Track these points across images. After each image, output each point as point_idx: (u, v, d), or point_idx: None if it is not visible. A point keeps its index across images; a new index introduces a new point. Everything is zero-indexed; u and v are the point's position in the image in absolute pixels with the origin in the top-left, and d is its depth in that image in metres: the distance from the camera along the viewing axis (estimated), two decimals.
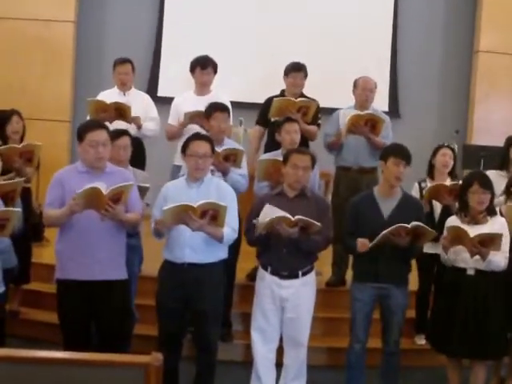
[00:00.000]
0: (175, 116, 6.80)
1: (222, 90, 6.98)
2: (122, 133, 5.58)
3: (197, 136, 5.19)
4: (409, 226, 5.06)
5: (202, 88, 6.82)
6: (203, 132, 5.94)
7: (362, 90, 6.86)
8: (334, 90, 7.87)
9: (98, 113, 6.57)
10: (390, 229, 5.05)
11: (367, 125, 6.53)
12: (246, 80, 9.98)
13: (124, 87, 7.07)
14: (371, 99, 6.89)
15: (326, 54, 10.00)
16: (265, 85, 8.31)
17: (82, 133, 4.82)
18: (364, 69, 7.99)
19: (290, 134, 6.08)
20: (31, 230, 6.64)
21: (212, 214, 4.80)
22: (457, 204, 5.75)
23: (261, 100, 7.20)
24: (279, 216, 4.95)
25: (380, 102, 8.06)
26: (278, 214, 4.96)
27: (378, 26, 10.42)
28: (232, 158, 5.81)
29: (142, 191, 5.44)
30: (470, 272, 5.22)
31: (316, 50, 9.86)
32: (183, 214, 4.75)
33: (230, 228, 5.02)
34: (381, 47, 10.44)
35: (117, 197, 4.62)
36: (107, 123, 6.09)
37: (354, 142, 6.77)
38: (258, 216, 5.10)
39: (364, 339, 5.41)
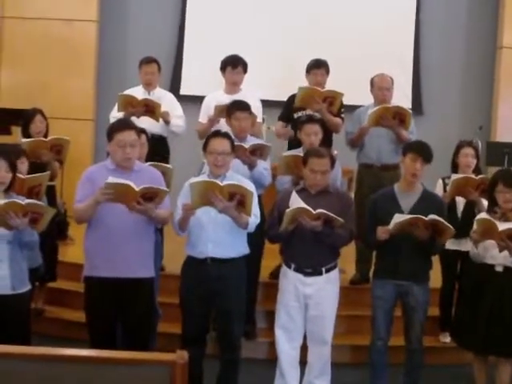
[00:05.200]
0: (206, 114, 6.77)
1: (253, 89, 6.98)
2: (139, 131, 5.59)
3: (216, 133, 5.23)
4: (426, 218, 5.03)
5: (232, 87, 6.80)
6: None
7: (379, 89, 6.85)
8: (356, 87, 7.84)
9: (127, 107, 6.59)
10: (408, 217, 5.03)
11: (395, 118, 6.49)
12: (269, 78, 9.95)
13: (149, 87, 7.08)
14: (389, 97, 6.86)
15: (347, 51, 9.96)
16: (287, 82, 8.27)
17: (111, 133, 4.85)
18: (386, 66, 7.95)
19: (310, 137, 6.05)
20: (56, 229, 6.67)
21: (239, 199, 4.81)
22: (482, 199, 5.72)
23: (283, 98, 7.19)
24: (300, 207, 4.95)
25: (403, 99, 8.04)
26: (301, 205, 4.97)
27: (400, 22, 10.38)
28: (258, 152, 5.84)
29: (168, 173, 5.57)
30: (499, 268, 5.18)
31: (337, 47, 9.85)
32: (210, 193, 4.76)
33: (253, 214, 5.03)
34: (403, 44, 10.39)
35: (149, 196, 4.63)
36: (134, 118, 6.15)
37: (376, 139, 6.76)
38: (279, 211, 5.12)
39: (386, 336, 5.39)
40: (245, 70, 6.83)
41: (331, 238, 5.15)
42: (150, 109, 6.64)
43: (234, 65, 6.75)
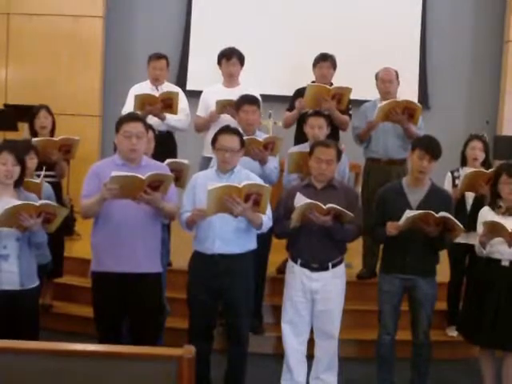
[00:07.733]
0: (203, 108, 6.81)
1: (252, 83, 6.96)
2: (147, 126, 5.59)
3: (226, 129, 5.19)
4: (437, 215, 5.01)
5: (230, 79, 6.80)
6: (235, 122, 6.01)
7: (382, 82, 6.85)
8: (363, 82, 7.82)
9: (145, 106, 6.55)
10: (419, 212, 5.02)
11: (404, 113, 6.45)
12: (275, 73, 9.96)
13: (157, 82, 7.05)
14: (394, 90, 6.86)
15: (353, 45, 9.93)
16: (294, 77, 8.27)
17: (118, 125, 4.85)
18: (393, 61, 7.92)
19: (314, 129, 6.05)
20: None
21: (255, 199, 4.79)
22: None
23: (290, 93, 7.17)
24: (310, 202, 4.94)
25: (410, 94, 8.01)
26: (309, 200, 4.96)
27: (406, 17, 10.35)
28: (270, 146, 5.83)
29: (184, 170, 5.62)
30: (505, 263, 5.18)
31: (344, 42, 9.81)
32: (226, 199, 4.72)
33: (266, 216, 5.03)
34: (409, 38, 10.35)
35: (156, 184, 4.61)
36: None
37: (382, 134, 6.75)
38: (286, 207, 5.12)
39: (393, 331, 5.39)
40: (241, 62, 6.81)
41: (341, 234, 5.16)
42: (167, 103, 6.61)
43: (228, 56, 6.75)
